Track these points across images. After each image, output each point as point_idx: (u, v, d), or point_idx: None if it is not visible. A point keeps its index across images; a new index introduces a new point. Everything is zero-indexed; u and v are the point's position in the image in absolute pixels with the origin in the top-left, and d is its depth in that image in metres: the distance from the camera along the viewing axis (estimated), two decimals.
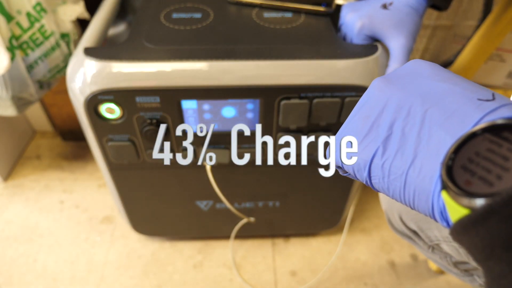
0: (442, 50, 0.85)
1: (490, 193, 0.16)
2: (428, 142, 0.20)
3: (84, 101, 0.45)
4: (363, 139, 0.23)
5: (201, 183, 0.59)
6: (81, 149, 0.99)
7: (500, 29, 0.71)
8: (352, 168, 0.24)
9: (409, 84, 0.23)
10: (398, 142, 0.21)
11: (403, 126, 0.22)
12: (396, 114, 0.22)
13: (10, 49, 0.54)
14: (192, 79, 0.44)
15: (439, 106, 0.21)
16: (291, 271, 0.76)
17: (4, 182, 0.91)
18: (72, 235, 0.80)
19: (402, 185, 0.21)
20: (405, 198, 0.21)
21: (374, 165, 0.22)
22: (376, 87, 0.24)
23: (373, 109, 0.23)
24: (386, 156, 0.22)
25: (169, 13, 0.52)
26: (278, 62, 0.44)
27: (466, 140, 0.18)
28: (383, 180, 0.22)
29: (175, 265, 0.76)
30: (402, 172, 0.21)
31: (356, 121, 0.24)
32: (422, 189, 0.20)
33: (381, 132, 0.22)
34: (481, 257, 0.17)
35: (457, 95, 0.21)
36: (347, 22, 0.48)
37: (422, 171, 0.20)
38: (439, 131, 0.20)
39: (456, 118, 0.20)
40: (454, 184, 0.17)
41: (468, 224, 0.16)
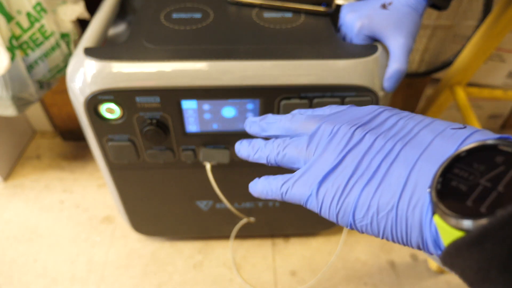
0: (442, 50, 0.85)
1: (483, 214, 0.16)
2: (414, 172, 0.20)
3: (84, 101, 0.45)
4: (349, 183, 0.22)
5: (201, 183, 0.59)
6: (81, 149, 0.99)
7: (500, 29, 0.71)
8: (335, 216, 0.23)
9: (380, 127, 0.23)
10: (381, 177, 0.21)
11: (385, 164, 0.21)
12: (376, 154, 0.22)
13: (10, 49, 0.54)
14: (192, 79, 0.44)
15: (414, 142, 0.21)
16: (291, 271, 0.76)
17: (4, 182, 0.91)
18: (72, 235, 0.80)
19: (394, 219, 0.20)
20: (397, 233, 0.21)
21: (359, 207, 0.22)
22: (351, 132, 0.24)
23: (356, 154, 0.23)
24: (371, 196, 0.21)
25: (169, 13, 0.52)
26: (278, 62, 0.44)
27: (452, 163, 0.18)
28: (371, 219, 0.21)
29: (175, 265, 0.76)
30: (392, 207, 0.20)
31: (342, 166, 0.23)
32: (413, 219, 0.20)
33: (365, 173, 0.22)
34: (475, 279, 0.17)
35: (428, 130, 0.22)
36: (347, 22, 0.48)
37: (412, 201, 0.20)
38: (421, 161, 0.20)
39: (433, 149, 0.20)
40: (446, 206, 0.17)
41: (462, 246, 0.16)
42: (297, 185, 0.25)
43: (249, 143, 0.30)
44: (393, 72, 0.44)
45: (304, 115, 0.28)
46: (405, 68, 0.44)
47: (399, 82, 0.45)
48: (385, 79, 0.45)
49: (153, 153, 0.53)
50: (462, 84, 0.82)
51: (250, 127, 0.32)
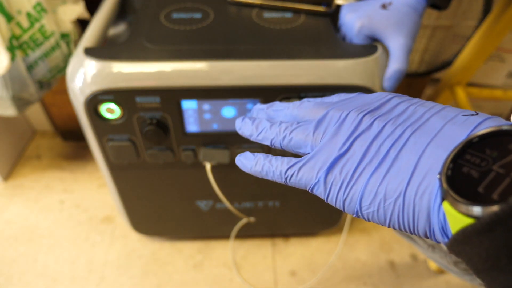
0: (441, 50, 0.85)
1: (495, 201, 0.16)
2: (423, 158, 0.20)
3: (84, 101, 0.45)
4: (359, 168, 0.22)
5: (201, 183, 0.59)
6: (81, 149, 0.99)
7: (500, 29, 0.71)
8: (342, 204, 0.23)
9: (390, 113, 0.23)
10: (389, 164, 0.21)
11: (393, 149, 0.21)
12: (384, 139, 0.22)
13: (10, 49, 0.54)
14: (192, 79, 0.44)
15: (427, 130, 0.21)
16: (291, 271, 0.76)
17: (4, 182, 0.91)
18: (72, 235, 0.80)
19: (401, 206, 0.20)
20: (404, 221, 0.20)
21: (366, 193, 0.21)
22: (344, 115, 0.24)
23: (367, 139, 0.23)
24: (380, 181, 0.21)
25: (169, 13, 0.52)
26: (278, 62, 0.44)
27: (463, 150, 0.18)
28: (378, 207, 0.21)
29: (175, 265, 0.76)
30: (400, 194, 0.20)
31: (352, 151, 0.23)
32: (421, 206, 0.19)
33: (375, 158, 0.22)
34: (484, 267, 0.16)
35: (438, 117, 0.21)
36: (347, 22, 0.48)
37: (421, 188, 0.19)
38: (431, 147, 0.20)
39: (443, 135, 0.20)
40: (456, 192, 0.17)
41: (472, 233, 0.16)
42: (304, 171, 0.24)
43: (253, 122, 0.29)
44: (393, 72, 0.44)
45: (312, 102, 0.28)
46: (405, 68, 0.44)
47: (399, 82, 0.45)
48: (385, 79, 0.45)
49: (153, 153, 0.53)
50: (462, 84, 0.83)
51: (257, 114, 0.31)
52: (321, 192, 0.23)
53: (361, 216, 0.22)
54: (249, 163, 0.27)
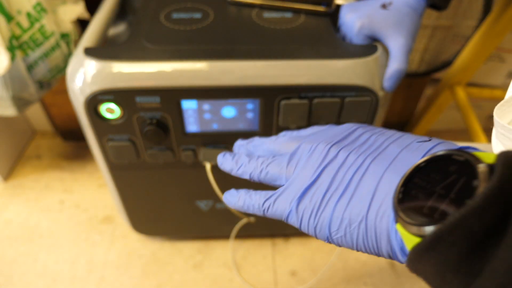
0: (441, 50, 0.85)
1: (436, 220, 0.17)
2: (381, 184, 0.21)
3: (84, 101, 0.45)
4: (324, 198, 0.23)
5: (201, 183, 0.59)
6: (81, 149, 0.99)
7: (500, 29, 0.71)
8: (314, 230, 0.24)
9: (353, 144, 0.25)
10: (352, 192, 0.22)
11: (356, 178, 0.23)
12: (348, 169, 0.23)
13: (10, 49, 0.54)
14: (192, 79, 0.44)
15: (381, 156, 0.23)
16: (291, 271, 0.76)
17: (4, 182, 0.91)
18: (72, 235, 0.80)
19: (364, 230, 0.21)
20: (368, 244, 0.22)
21: (334, 220, 0.23)
22: (326, 149, 0.25)
23: (331, 169, 0.24)
24: (345, 209, 0.22)
25: (169, 13, 0.52)
26: (278, 62, 0.44)
27: (413, 174, 0.19)
28: (345, 231, 0.22)
29: (175, 265, 0.76)
30: (362, 218, 0.21)
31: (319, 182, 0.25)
32: (381, 228, 0.21)
33: (339, 188, 0.23)
34: (435, 283, 0.17)
35: (394, 145, 0.23)
36: (347, 22, 0.48)
37: (380, 211, 0.21)
38: (387, 173, 0.21)
39: (399, 161, 0.22)
40: (407, 215, 0.18)
41: (420, 251, 0.17)
42: (278, 202, 0.26)
43: (233, 157, 0.31)
44: (393, 72, 0.44)
45: (287, 136, 0.30)
46: (405, 68, 0.44)
47: (399, 82, 0.45)
48: (385, 79, 0.45)
49: (153, 153, 0.53)
50: (462, 84, 0.83)
51: (238, 149, 0.34)
52: (294, 221, 0.25)
53: (332, 242, 0.24)
54: (233, 199, 0.30)
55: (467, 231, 0.15)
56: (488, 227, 0.15)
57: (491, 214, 0.15)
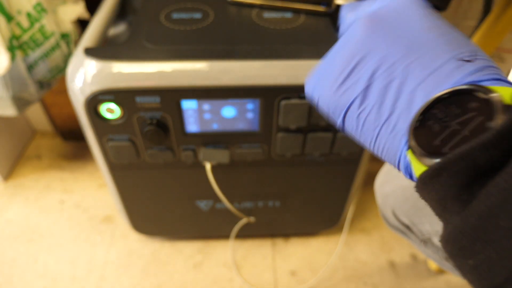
0: None
1: (444, 153, 0.17)
2: (405, 99, 0.21)
3: (84, 101, 0.45)
4: (343, 82, 0.23)
5: (201, 183, 0.59)
6: (81, 149, 0.99)
7: (500, 29, 0.71)
8: (327, 108, 0.24)
9: (395, 31, 0.22)
10: (377, 95, 0.21)
11: (384, 78, 0.21)
12: (379, 63, 0.22)
13: (10, 49, 0.54)
14: (192, 79, 0.44)
15: (421, 62, 0.21)
16: (291, 271, 0.76)
17: (4, 182, 0.91)
18: (72, 235, 0.80)
19: (374, 138, 0.22)
20: (374, 148, 0.22)
21: (350, 113, 0.23)
22: (362, 29, 0.23)
23: (356, 53, 0.23)
24: (363, 108, 0.22)
25: (169, 13, 0.52)
26: (278, 62, 0.44)
27: (434, 104, 0.19)
28: (357, 129, 0.23)
29: (175, 265, 0.76)
30: (376, 126, 0.21)
31: (338, 60, 0.23)
32: (391, 144, 0.21)
33: (361, 80, 0.22)
34: (439, 210, 0.18)
35: (440, 50, 0.21)
36: (347, 22, 0.48)
37: (395, 129, 0.21)
38: (416, 90, 0.20)
39: (434, 78, 0.20)
40: (419, 145, 0.19)
41: (425, 179, 0.18)
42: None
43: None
44: None
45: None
46: None
47: None
48: None
49: (153, 153, 0.53)
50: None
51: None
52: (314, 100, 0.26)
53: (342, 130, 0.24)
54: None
55: (471, 163, 0.16)
56: (494, 163, 0.16)
57: (499, 151, 0.15)
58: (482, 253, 0.16)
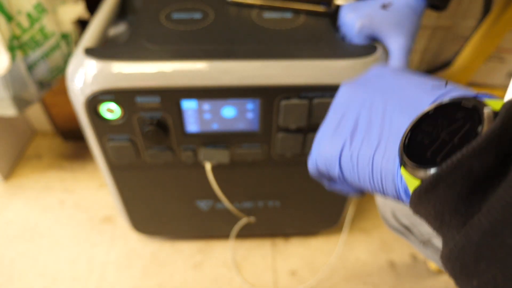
0: (441, 50, 0.85)
1: (437, 163, 0.17)
2: (390, 126, 0.22)
3: (84, 101, 0.45)
4: (333, 134, 0.25)
5: (201, 183, 0.59)
6: (81, 149, 0.99)
7: (500, 29, 0.71)
8: (325, 165, 0.25)
9: (371, 83, 0.25)
10: (363, 131, 0.23)
11: (367, 117, 0.23)
12: (360, 108, 0.24)
13: (10, 49, 0.54)
14: (192, 79, 0.44)
15: (397, 96, 0.23)
16: (291, 270, 0.76)
17: (4, 181, 0.91)
18: (72, 235, 0.80)
19: (370, 170, 0.22)
20: (374, 184, 0.22)
21: (343, 157, 0.23)
22: (343, 90, 0.26)
23: (341, 108, 0.25)
24: (354, 146, 0.23)
25: (169, 14, 0.52)
26: (278, 62, 0.44)
27: (421, 120, 0.20)
28: (353, 170, 0.23)
29: (175, 265, 0.76)
30: (369, 158, 0.22)
31: (328, 119, 0.26)
32: (387, 170, 0.21)
33: (348, 126, 0.24)
34: (436, 225, 0.18)
35: (412, 85, 0.23)
36: (347, 22, 0.48)
37: (386, 154, 0.21)
38: (398, 116, 0.22)
39: (411, 103, 0.22)
40: (410, 159, 0.19)
41: (421, 193, 0.17)
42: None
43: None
44: None
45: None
46: (405, 68, 0.44)
47: None
48: None
49: (153, 153, 0.53)
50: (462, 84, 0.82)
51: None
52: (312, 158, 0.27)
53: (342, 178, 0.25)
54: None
55: (467, 172, 0.15)
56: (489, 168, 0.15)
57: (492, 155, 0.15)
58: (487, 273, 0.15)
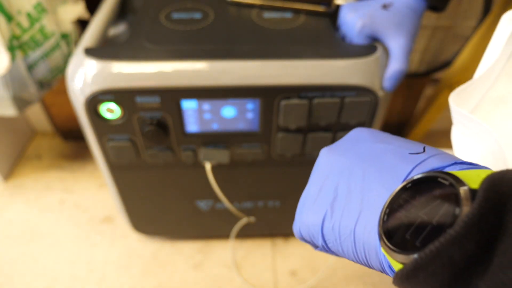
0: (441, 50, 0.85)
1: (417, 248, 0.16)
2: (369, 197, 0.21)
3: (84, 101, 0.45)
4: (313, 204, 0.24)
5: (201, 183, 0.59)
6: (81, 149, 0.99)
7: None
8: (308, 235, 0.25)
9: (350, 149, 0.25)
10: (343, 202, 0.22)
11: (347, 186, 0.22)
12: (339, 176, 0.23)
13: (10, 49, 0.54)
14: (192, 79, 0.44)
15: (375, 164, 0.22)
16: (291, 271, 0.76)
17: (4, 182, 0.91)
18: (72, 235, 0.80)
19: (353, 243, 0.21)
20: (358, 257, 0.21)
21: (325, 228, 0.23)
22: (323, 156, 0.26)
23: (321, 175, 0.25)
24: (335, 217, 0.22)
25: (169, 13, 0.52)
26: (278, 62, 0.44)
27: (399, 194, 0.19)
28: (336, 242, 0.22)
29: (175, 265, 0.76)
30: (350, 231, 0.21)
31: (309, 188, 0.25)
32: (369, 244, 0.20)
33: (328, 194, 0.23)
34: None
35: (390, 152, 0.22)
36: (347, 22, 0.48)
37: (368, 226, 0.20)
38: (377, 186, 0.21)
39: (390, 172, 0.21)
40: (390, 242, 0.18)
41: (402, 278, 0.17)
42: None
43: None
44: (393, 72, 0.44)
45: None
46: (405, 68, 0.44)
47: (399, 82, 0.45)
48: (385, 79, 0.45)
49: (153, 153, 0.53)
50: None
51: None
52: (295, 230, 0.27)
53: (329, 251, 0.24)
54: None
55: (447, 261, 0.15)
56: (470, 256, 0.15)
57: (472, 242, 0.15)
58: None
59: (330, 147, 0.26)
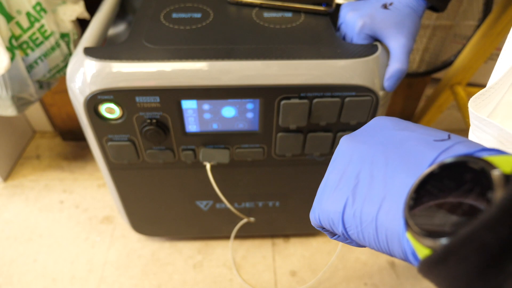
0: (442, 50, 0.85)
1: (447, 233, 0.16)
2: (392, 184, 0.21)
3: (84, 101, 0.45)
4: (335, 190, 0.24)
5: (201, 183, 0.59)
6: (81, 149, 0.99)
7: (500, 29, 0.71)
8: (328, 223, 0.24)
9: (372, 137, 0.25)
10: (365, 188, 0.22)
11: (369, 172, 0.22)
12: (361, 164, 0.23)
13: (10, 49, 0.54)
14: (192, 79, 0.44)
15: (399, 151, 0.22)
16: (291, 271, 0.76)
17: (4, 182, 0.91)
18: (72, 235, 0.80)
19: (374, 230, 0.21)
20: (380, 244, 0.21)
21: (346, 215, 0.22)
22: (343, 143, 0.26)
23: (341, 163, 0.25)
24: (356, 204, 0.22)
25: (169, 13, 0.52)
26: (278, 62, 0.44)
27: (426, 180, 0.18)
28: (357, 229, 0.22)
29: (175, 265, 0.76)
30: (372, 217, 0.21)
31: (329, 175, 0.25)
32: (392, 231, 0.20)
33: (349, 182, 0.23)
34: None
35: (414, 139, 0.22)
36: (348, 21, 0.48)
37: (391, 213, 0.20)
38: (401, 173, 0.21)
39: (414, 159, 0.21)
40: (417, 225, 0.17)
41: (430, 264, 0.16)
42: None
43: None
44: (393, 71, 0.44)
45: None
46: (405, 68, 0.44)
47: (399, 82, 0.45)
48: (385, 78, 0.45)
49: (153, 153, 0.53)
50: (462, 84, 0.82)
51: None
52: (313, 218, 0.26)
53: (349, 238, 0.24)
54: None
55: (480, 245, 0.14)
56: (504, 241, 0.14)
57: (506, 227, 0.14)
58: None
59: (350, 135, 0.26)
